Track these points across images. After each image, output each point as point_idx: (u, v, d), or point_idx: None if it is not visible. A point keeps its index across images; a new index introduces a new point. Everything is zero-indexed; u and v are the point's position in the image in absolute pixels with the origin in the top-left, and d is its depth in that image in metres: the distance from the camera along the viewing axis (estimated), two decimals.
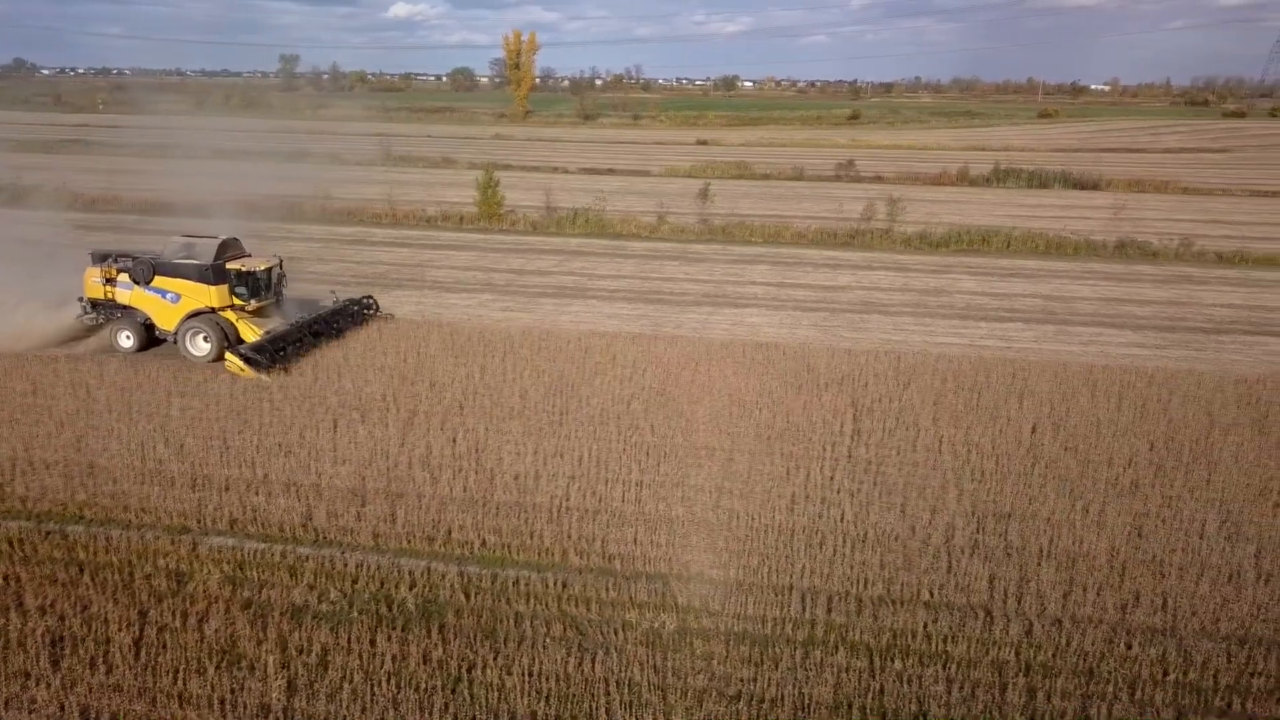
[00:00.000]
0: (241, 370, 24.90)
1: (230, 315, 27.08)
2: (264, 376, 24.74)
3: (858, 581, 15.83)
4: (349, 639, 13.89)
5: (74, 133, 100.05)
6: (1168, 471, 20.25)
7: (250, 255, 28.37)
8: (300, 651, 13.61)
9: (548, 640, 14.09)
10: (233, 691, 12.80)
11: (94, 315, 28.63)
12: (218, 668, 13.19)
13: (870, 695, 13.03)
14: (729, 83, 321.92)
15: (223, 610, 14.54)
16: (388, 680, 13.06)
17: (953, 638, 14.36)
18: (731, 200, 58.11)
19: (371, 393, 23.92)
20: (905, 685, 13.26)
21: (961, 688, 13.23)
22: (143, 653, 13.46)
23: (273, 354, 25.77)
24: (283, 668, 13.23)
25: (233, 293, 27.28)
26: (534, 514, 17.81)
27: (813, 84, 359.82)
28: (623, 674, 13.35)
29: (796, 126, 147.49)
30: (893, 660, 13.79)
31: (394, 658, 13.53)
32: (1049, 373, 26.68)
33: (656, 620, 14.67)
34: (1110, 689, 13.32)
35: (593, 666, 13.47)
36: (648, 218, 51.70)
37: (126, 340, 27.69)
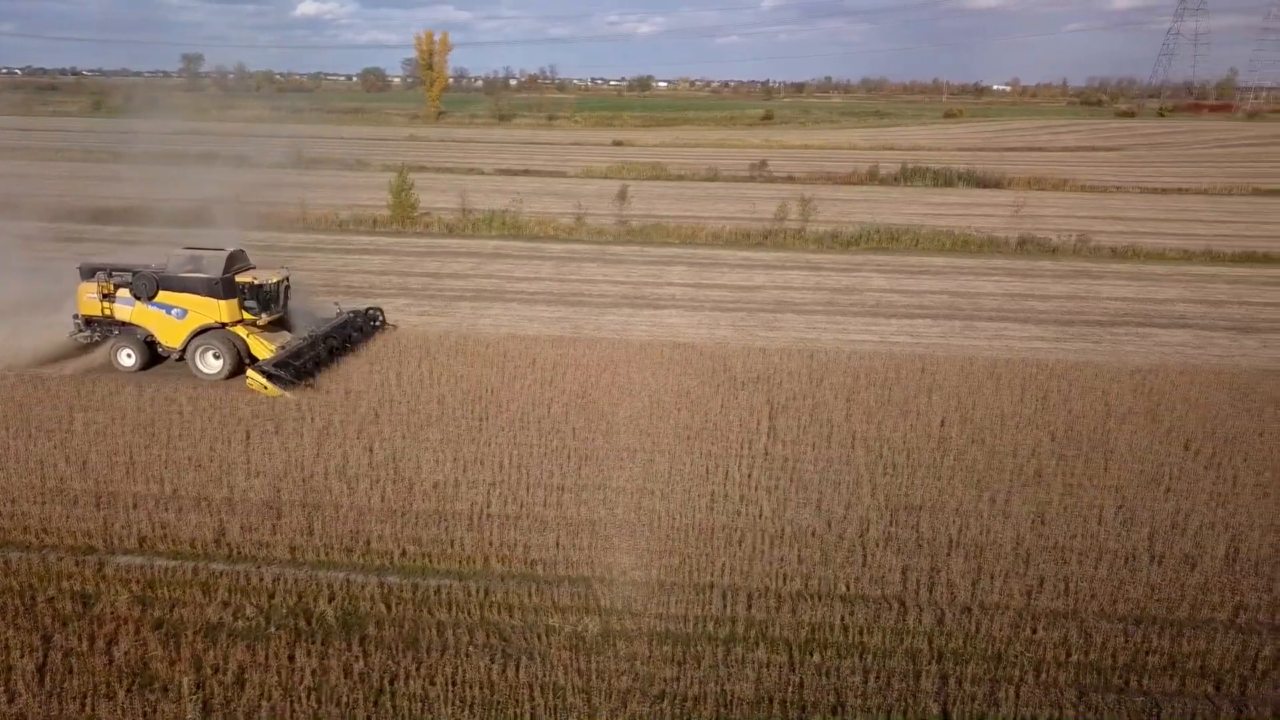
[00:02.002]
0: (264, 388, 23.91)
1: (241, 330, 26.11)
2: (288, 394, 23.86)
3: (776, 577, 16.16)
4: (266, 655, 13.64)
5: None
6: (1068, 460, 21.12)
7: (256, 267, 27.31)
8: (216, 670, 13.32)
9: (471, 648, 14.05)
10: (145, 715, 12.46)
11: (88, 333, 27.19)
12: (128, 691, 12.83)
13: (790, 689, 13.33)
14: (644, 83, 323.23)
15: (132, 631, 14.13)
16: (308, 696, 12.88)
17: (868, 629, 14.77)
18: (648, 201, 58.47)
19: (285, 402, 23.46)
20: (823, 678, 13.61)
21: (877, 678, 13.62)
22: (47, 679, 13.01)
23: (297, 370, 24.92)
24: (197, 688, 12.94)
25: (243, 307, 26.30)
26: (454, 522, 17.72)
27: (726, 84, 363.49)
28: (547, 678, 13.40)
29: (711, 127, 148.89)
30: (811, 654, 14.13)
31: (314, 672, 13.34)
32: (956, 367, 27.55)
33: (580, 623, 14.75)
34: (1017, 672, 13.87)
35: (517, 672, 13.50)
36: (565, 219, 51.70)
37: (128, 359, 26.41)
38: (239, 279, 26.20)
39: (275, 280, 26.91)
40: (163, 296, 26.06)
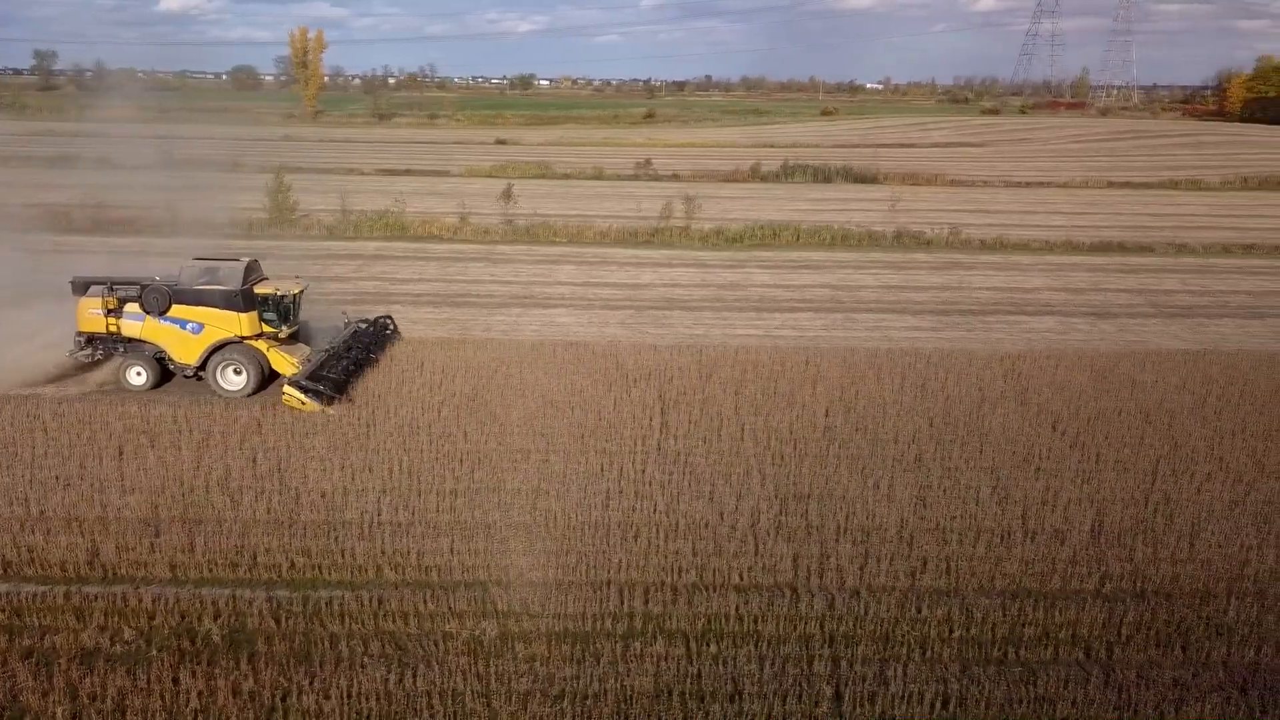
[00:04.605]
0: (302, 404, 22.75)
1: (261, 345, 24.72)
2: (327, 409, 22.78)
3: (672, 570, 16.39)
4: (148, 679, 13.09)
5: None
6: (946, 445, 22.02)
7: (267, 278, 25.88)
8: (93, 699, 12.74)
9: (366, 659, 13.82)
10: None
11: (89, 351, 25.27)
12: None
13: (688, 680, 13.56)
14: (525, 81, 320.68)
15: None
16: (194, 719, 12.43)
17: (762, 617, 15.13)
18: (534, 200, 58.07)
19: (160, 414, 22.51)
20: (721, 667, 13.88)
21: (772, 664, 13.97)
22: None
23: (335, 384, 23.82)
24: (74, 718, 12.34)
25: (262, 319, 24.91)
26: (344, 531, 17.35)
27: (608, 82, 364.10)
28: (445, 685, 13.28)
29: (594, 125, 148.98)
30: (708, 644, 14.38)
31: (200, 694, 12.89)
32: (838, 358, 28.36)
33: (477, 628, 14.66)
34: (904, 651, 14.45)
35: (414, 681, 13.33)
36: (450, 219, 51.00)
37: (138, 377, 24.76)
38: (257, 290, 25.03)
39: (296, 291, 25.77)
40: (176, 310, 24.59)
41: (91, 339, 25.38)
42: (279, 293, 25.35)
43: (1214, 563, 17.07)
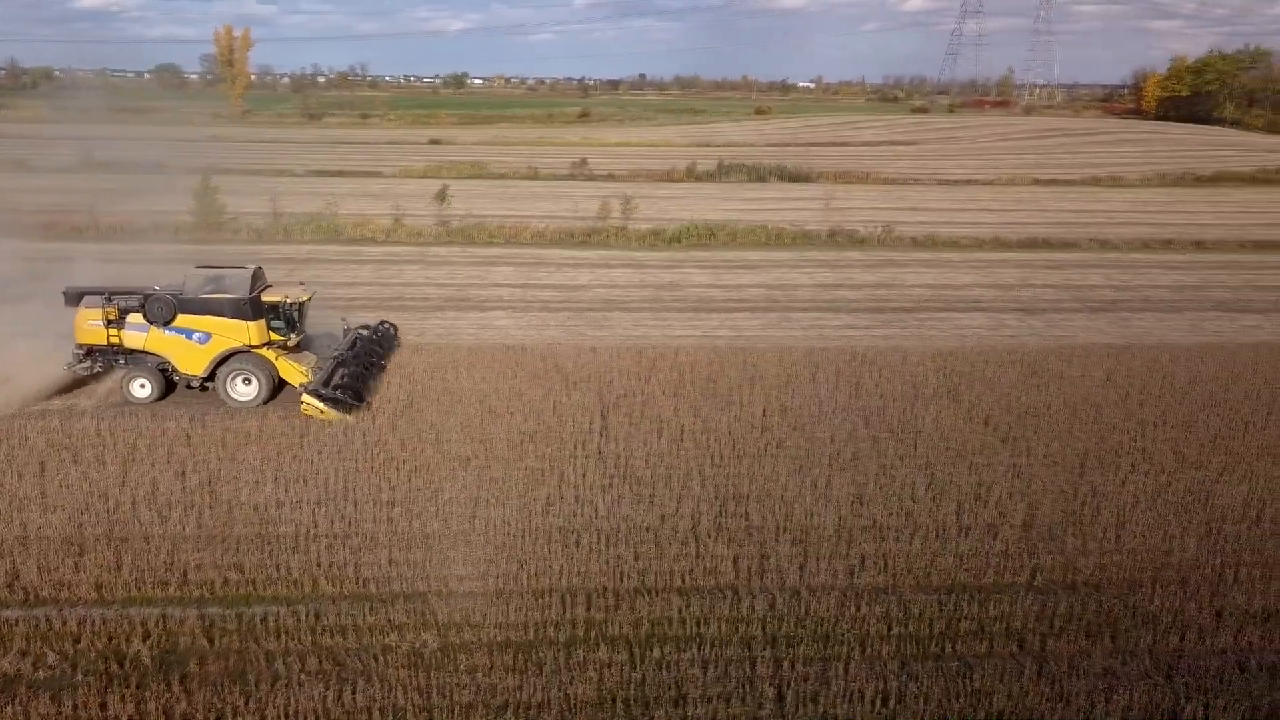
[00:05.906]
0: (322, 413, 22.16)
1: (269, 353, 23.99)
2: (348, 418, 22.25)
3: (614, 575, 16.37)
4: (74, 705, 12.69)
5: None
6: (882, 442, 22.35)
7: (272, 285, 25.20)
8: None
9: (303, 676, 13.56)
10: None
11: (88, 364, 24.23)
12: None
13: (632, 687, 13.56)
14: (459, 80, 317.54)
15: None
16: None
17: (704, 620, 15.19)
18: (468, 201, 57.51)
19: (83, 428, 21.80)
20: (664, 672, 13.91)
21: (715, 667, 14.04)
22: None
23: (355, 392, 23.21)
24: None
25: (270, 328, 24.24)
26: (278, 545, 16.98)
27: (542, 81, 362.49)
28: (386, 700, 13.10)
29: (529, 125, 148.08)
30: (651, 649, 14.41)
31: (130, 719, 12.51)
32: (775, 358, 28.61)
33: (418, 640, 14.50)
34: (844, 649, 14.62)
35: (354, 697, 13.13)
36: (383, 220, 50.29)
37: (142, 389, 23.90)
38: (265, 298, 24.45)
39: (304, 299, 25.20)
40: (182, 320, 23.80)
41: (91, 351, 24.50)
42: (287, 300, 24.88)
43: (1139, 553, 17.60)
